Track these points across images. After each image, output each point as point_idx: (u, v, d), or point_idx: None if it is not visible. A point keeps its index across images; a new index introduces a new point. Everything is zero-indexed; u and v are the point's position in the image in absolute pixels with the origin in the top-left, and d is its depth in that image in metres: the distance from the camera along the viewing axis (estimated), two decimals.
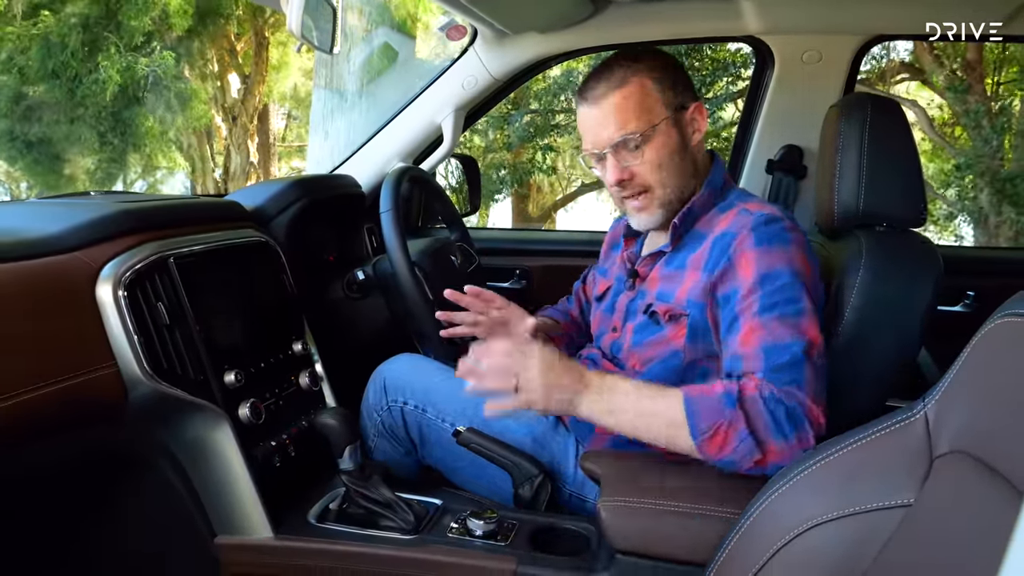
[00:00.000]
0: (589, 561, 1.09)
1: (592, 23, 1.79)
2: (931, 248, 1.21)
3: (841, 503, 0.75)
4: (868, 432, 0.76)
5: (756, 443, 0.99)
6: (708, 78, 7.35)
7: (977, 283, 1.89)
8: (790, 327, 1.05)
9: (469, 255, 1.74)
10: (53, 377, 0.98)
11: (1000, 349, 0.65)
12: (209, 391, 1.17)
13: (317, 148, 5.46)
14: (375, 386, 1.41)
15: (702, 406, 1.01)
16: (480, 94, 1.91)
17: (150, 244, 1.17)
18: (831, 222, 1.28)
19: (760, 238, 1.11)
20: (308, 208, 1.61)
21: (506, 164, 8.75)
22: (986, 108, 6.83)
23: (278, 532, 1.19)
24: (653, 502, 1.00)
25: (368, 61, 5.84)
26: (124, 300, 1.08)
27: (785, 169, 1.87)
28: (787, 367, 1.02)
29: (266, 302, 1.37)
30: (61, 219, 1.13)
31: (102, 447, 1.15)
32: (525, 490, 1.24)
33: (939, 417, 0.71)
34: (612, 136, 1.17)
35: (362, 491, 1.21)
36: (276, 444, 1.25)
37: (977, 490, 0.62)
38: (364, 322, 1.60)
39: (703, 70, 7.39)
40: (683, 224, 1.23)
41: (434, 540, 1.15)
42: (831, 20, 1.74)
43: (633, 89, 1.17)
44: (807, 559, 0.76)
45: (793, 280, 1.08)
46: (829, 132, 1.30)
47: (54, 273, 1.04)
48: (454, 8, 1.54)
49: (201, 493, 1.20)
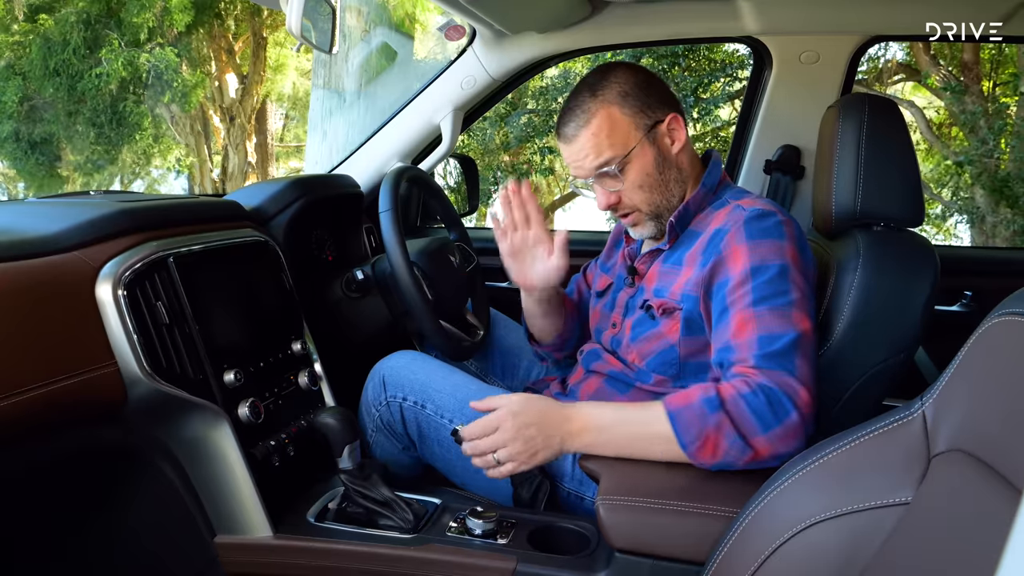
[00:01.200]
0: (588, 560, 1.09)
1: (590, 23, 1.79)
2: (928, 247, 1.22)
3: (839, 501, 0.75)
4: (866, 431, 0.77)
5: (744, 442, 1.01)
6: (705, 78, 7.37)
7: (974, 283, 1.89)
8: (782, 318, 1.07)
9: (468, 255, 1.75)
10: (53, 376, 0.98)
11: (998, 347, 0.65)
12: (208, 390, 1.17)
13: (315, 148, 5.45)
14: (374, 382, 1.41)
15: (685, 417, 1.04)
16: (479, 94, 1.91)
17: (150, 244, 1.17)
18: (829, 222, 1.29)
19: (751, 232, 1.13)
20: (307, 208, 1.61)
21: (503, 166, 8.76)
22: (983, 109, 6.85)
23: (277, 531, 1.19)
24: (652, 500, 1.00)
25: (367, 61, 5.84)
26: (124, 299, 1.08)
27: (783, 169, 1.88)
28: (778, 355, 1.04)
29: (265, 302, 1.37)
30: (61, 219, 1.13)
31: (101, 446, 1.15)
32: (524, 489, 1.25)
33: (937, 415, 0.71)
34: (591, 167, 1.23)
35: (361, 490, 1.21)
36: (275, 443, 1.25)
37: (975, 488, 0.62)
38: (363, 321, 1.60)
39: (700, 70, 7.41)
40: (679, 223, 1.26)
41: (433, 539, 1.15)
42: (829, 20, 1.74)
43: (601, 123, 1.22)
44: (805, 557, 0.76)
45: (784, 272, 1.10)
46: (827, 132, 1.31)
47: (54, 273, 1.04)
48: (453, 8, 1.54)
49: (200, 492, 1.21)
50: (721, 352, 1.11)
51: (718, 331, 1.12)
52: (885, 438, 0.75)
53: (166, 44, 8.62)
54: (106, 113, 8.68)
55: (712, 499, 0.99)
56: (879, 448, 0.75)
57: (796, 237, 1.16)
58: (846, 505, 0.74)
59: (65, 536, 1.21)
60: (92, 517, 1.23)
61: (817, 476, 0.79)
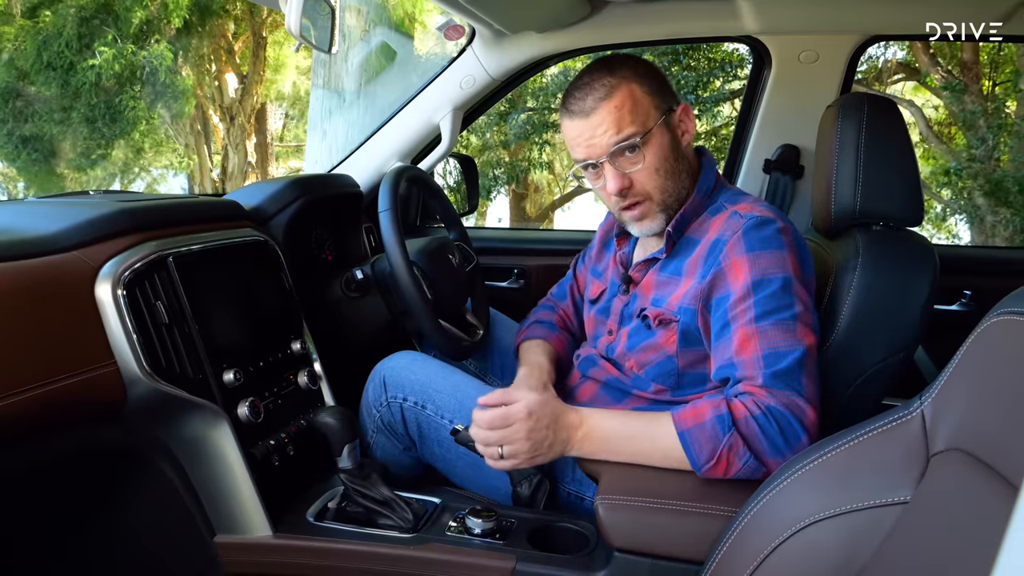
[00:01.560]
0: (587, 559, 1.09)
1: (589, 23, 1.79)
2: (928, 246, 1.22)
3: (838, 500, 0.75)
4: (865, 430, 0.77)
5: (759, 463, 1.02)
6: (704, 77, 7.37)
7: (974, 282, 1.89)
8: (787, 333, 1.06)
9: (467, 254, 1.74)
10: (52, 376, 0.98)
11: (997, 346, 0.65)
12: (208, 390, 1.17)
13: (315, 148, 5.45)
14: (374, 382, 1.41)
15: (697, 436, 1.04)
16: (478, 93, 1.91)
17: (149, 243, 1.17)
18: (828, 221, 1.29)
19: (751, 243, 1.11)
20: (306, 207, 1.61)
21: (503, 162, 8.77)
22: (982, 108, 6.86)
23: (277, 531, 1.19)
24: (651, 500, 1.00)
25: (366, 61, 5.84)
26: (123, 299, 1.08)
27: (782, 169, 1.88)
28: (785, 374, 1.04)
29: (265, 301, 1.37)
30: (60, 218, 1.13)
31: (101, 446, 1.15)
32: (523, 488, 1.25)
33: (936, 415, 0.71)
34: (609, 143, 1.15)
35: (361, 490, 1.21)
36: (275, 443, 1.25)
37: (974, 487, 0.62)
38: (362, 321, 1.60)
39: (699, 69, 7.41)
40: (676, 230, 1.23)
41: (433, 538, 1.15)
42: (828, 20, 1.74)
43: (624, 96, 1.16)
44: (804, 556, 0.76)
45: (786, 285, 1.09)
46: (826, 131, 1.31)
47: (53, 272, 1.04)
48: (452, 8, 1.54)
49: (200, 492, 1.21)
50: (725, 368, 1.10)
51: (719, 346, 1.11)
52: (884, 437, 0.75)
53: (163, 41, 8.60)
54: (100, 108, 8.67)
55: (711, 499, 1.00)
56: (878, 447, 0.75)
57: (796, 245, 1.14)
58: (845, 504, 0.74)
59: (65, 536, 1.21)
60: (92, 517, 1.23)
61: (816, 475, 0.79)
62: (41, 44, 8.09)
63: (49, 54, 8.10)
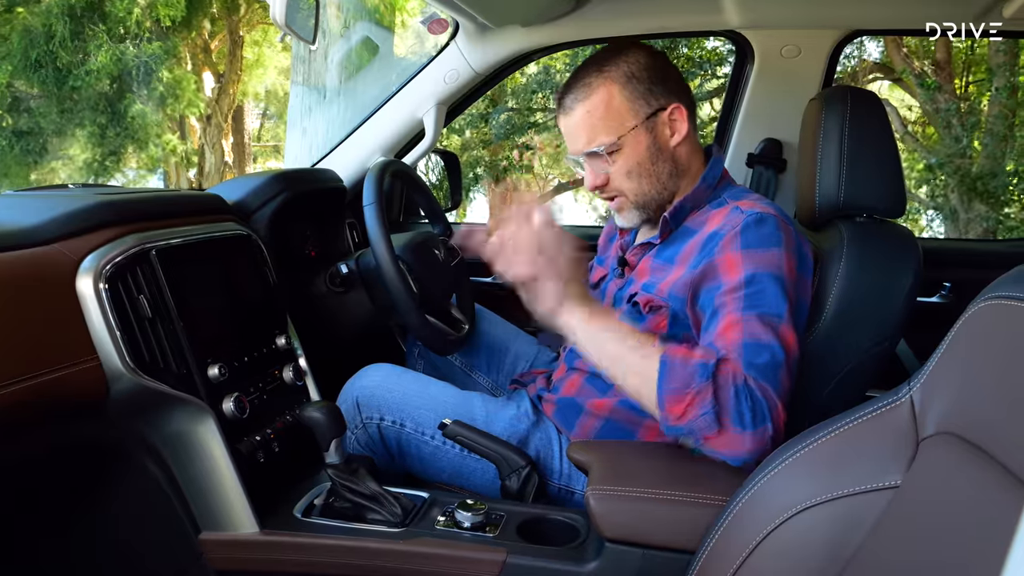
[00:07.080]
0: (579, 550, 1.09)
1: (574, 17, 1.79)
2: (911, 238, 1.23)
3: (829, 487, 0.76)
4: (854, 417, 0.77)
5: (716, 420, 0.96)
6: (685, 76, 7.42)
7: (953, 274, 1.92)
8: (770, 328, 1.03)
9: (452, 249, 1.74)
10: (33, 371, 0.96)
11: (986, 330, 0.66)
12: (192, 385, 1.15)
13: (295, 145, 5.39)
14: (347, 405, 1.38)
15: (678, 370, 0.99)
16: (461, 88, 1.91)
17: (131, 236, 1.15)
18: (812, 213, 1.30)
19: (748, 240, 1.11)
20: (289, 202, 1.59)
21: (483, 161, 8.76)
22: (956, 107, 6.97)
23: (263, 527, 1.17)
24: (641, 490, 1.00)
25: (347, 56, 5.80)
26: (105, 293, 1.06)
27: (765, 163, 1.89)
28: (763, 368, 1.00)
29: (249, 295, 1.35)
30: (38, 211, 1.11)
31: (84, 442, 1.13)
32: (512, 481, 1.24)
33: (925, 400, 0.72)
34: (581, 148, 1.23)
35: (348, 484, 1.20)
36: (260, 439, 1.24)
37: (964, 470, 0.63)
38: (347, 316, 1.59)
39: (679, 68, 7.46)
40: (673, 219, 1.24)
41: (422, 532, 1.15)
42: (810, 15, 1.76)
43: (598, 101, 1.20)
44: (796, 543, 0.76)
45: (778, 286, 1.07)
46: (810, 124, 1.32)
47: (32, 266, 1.02)
48: (436, 0, 1.54)
49: (185, 488, 1.19)
50: (708, 349, 1.08)
51: (705, 332, 1.10)
52: (873, 424, 0.76)
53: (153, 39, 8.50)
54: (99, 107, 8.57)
55: (702, 487, 1.00)
56: (868, 434, 0.76)
57: (794, 244, 1.13)
58: (836, 490, 0.75)
59: (47, 533, 1.19)
60: (74, 514, 1.21)
61: (806, 463, 0.79)
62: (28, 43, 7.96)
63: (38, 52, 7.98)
